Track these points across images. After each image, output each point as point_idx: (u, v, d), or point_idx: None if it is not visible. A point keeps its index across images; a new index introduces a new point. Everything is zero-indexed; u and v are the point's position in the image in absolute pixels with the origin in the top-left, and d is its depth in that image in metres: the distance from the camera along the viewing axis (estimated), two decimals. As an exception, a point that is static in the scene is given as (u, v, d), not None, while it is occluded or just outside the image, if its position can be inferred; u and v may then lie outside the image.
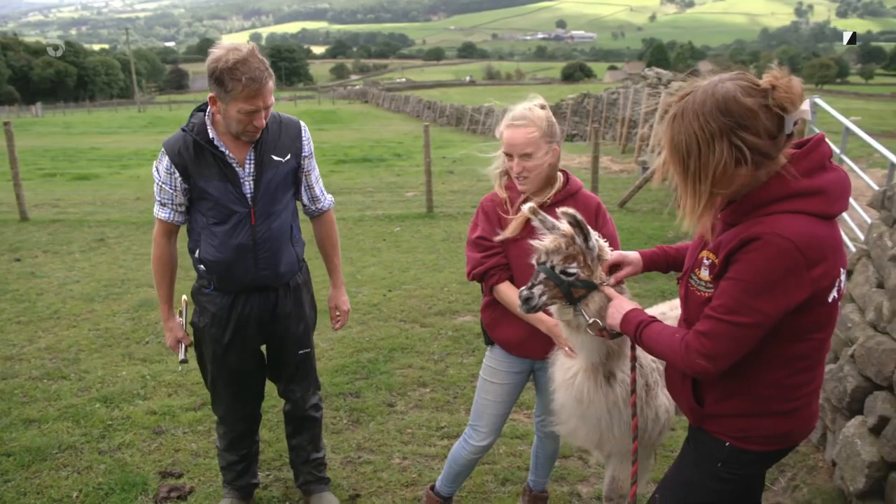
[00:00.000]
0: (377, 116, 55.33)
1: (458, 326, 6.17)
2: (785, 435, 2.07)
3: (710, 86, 1.84)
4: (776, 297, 1.82)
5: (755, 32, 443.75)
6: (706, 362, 1.91)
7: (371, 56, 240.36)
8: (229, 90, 2.75)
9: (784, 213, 1.83)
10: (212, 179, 2.97)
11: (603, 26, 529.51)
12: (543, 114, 2.84)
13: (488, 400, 3.09)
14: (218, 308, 3.15)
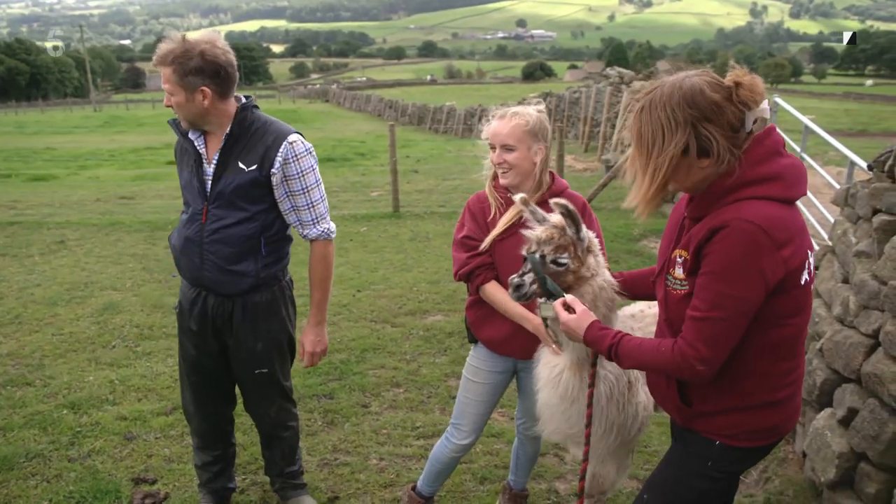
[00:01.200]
0: (339, 116, 54.98)
1: (429, 326, 6.17)
2: (772, 429, 2.11)
3: (678, 80, 1.91)
4: (753, 281, 1.86)
5: (712, 32, 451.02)
6: (704, 367, 1.93)
7: (331, 55, 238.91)
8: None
9: (745, 199, 1.88)
10: (184, 168, 3.06)
11: (562, 26, 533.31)
12: (535, 112, 2.86)
13: (471, 399, 3.10)
14: (184, 298, 3.18)
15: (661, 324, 2.18)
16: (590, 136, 20.91)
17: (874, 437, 3.11)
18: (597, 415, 2.64)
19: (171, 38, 2.84)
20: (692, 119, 1.86)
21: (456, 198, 12.98)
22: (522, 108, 2.85)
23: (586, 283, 2.41)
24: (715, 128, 1.86)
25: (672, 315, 2.07)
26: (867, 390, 3.26)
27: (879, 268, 3.32)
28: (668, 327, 2.10)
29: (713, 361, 1.93)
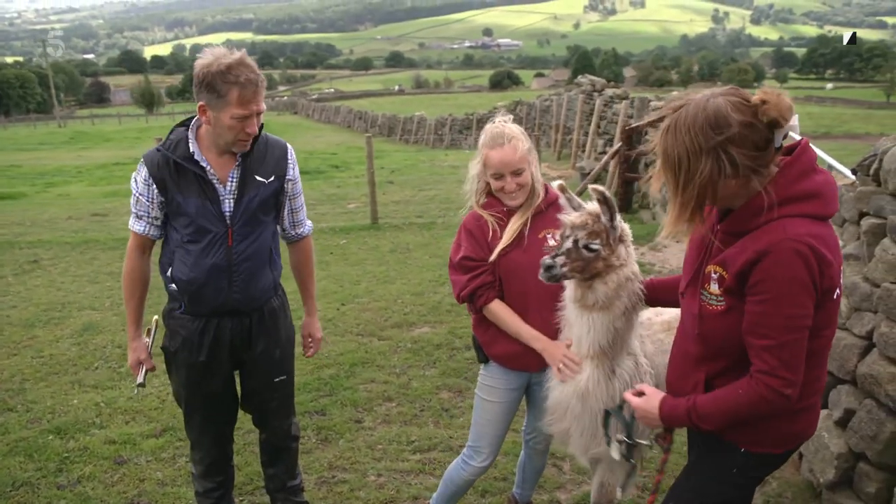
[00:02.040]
0: (308, 128, 54.80)
1: (417, 339, 6.14)
2: (797, 434, 2.13)
3: (702, 100, 1.90)
4: (810, 297, 1.88)
5: (675, 39, 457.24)
6: (792, 390, 1.93)
7: (298, 66, 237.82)
8: (223, 94, 2.66)
9: (786, 217, 1.89)
10: (190, 196, 2.86)
11: (528, 34, 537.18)
12: (518, 128, 2.86)
13: (489, 420, 3.04)
14: (189, 332, 3.01)
15: (689, 338, 2.16)
16: (562, 143, 21.04)
17: (872, 437, 3.15)
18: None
19: (228, 52, 2.71)
20: (716, 144, 1.85)
21: (433, 208, 12.99)
22: (510, 129, 2.83)
23: (614, 271, 2.45)
24: (739, 150, 1.85)
25: (706, 329, 2.06)
26: (863, 391, 3.31)
27: (871, 270, 3.37)
28: (700, 342, 2.09)
29: (797, 383, 1.94)
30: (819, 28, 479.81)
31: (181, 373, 3.10)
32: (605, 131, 15.86)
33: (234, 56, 2.68)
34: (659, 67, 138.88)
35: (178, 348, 3.05)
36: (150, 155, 2.90)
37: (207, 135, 2.84)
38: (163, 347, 3.13)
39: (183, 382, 3.12)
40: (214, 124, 2.76)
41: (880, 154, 3.62)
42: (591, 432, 2.69)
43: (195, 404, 3.17)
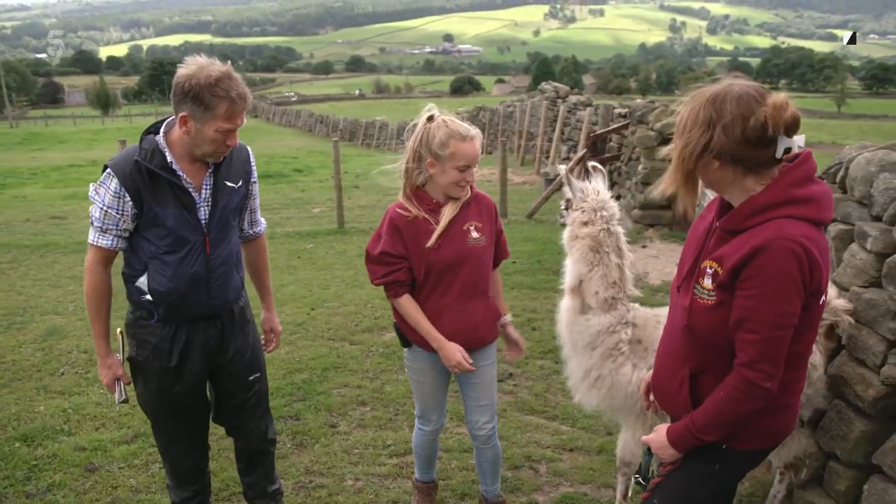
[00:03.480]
0: (268, 131, 54.35)
1: (388, 343, 6.14)
2: (777, 431, 2.22)
3: (728, 82, 2.03)
4: (799, 296, 1.96)
5: (633, 48, 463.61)
6: (771, 383, 2.01)
7: (258, 70, 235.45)
8: (211, 108, 2.63)
9: (783, 218, 1.97)
10: (167, 206, 2.79)
11: (489, 41, 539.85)
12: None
13: (426, 394, 3.35)
14: (159, 339, 2.94)
15: (676, 332, 2.24)
16: (526, 149, 21.20)
17: (842, 437, 3.24)
18: (599, 351, 3.17)
19: (212, 63, 2.69)
20: (711, 121, 1.96)
21: (399, 213, 12.94)
22: (470, 125, 3.08)
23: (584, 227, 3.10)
24: (729, 136, 1.95)
25: (694, 322, 2.14)
26: (833, 392, 3.40)
27: (839, 275, 3.47)
28: (688, 334, 2.17)
29: (777, 377, 2.02)
30: (773, 39, 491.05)
31: (151, 381, 3.00)
32: (569, 137, 16.04)
33: (220, 68, 2.67)
34: (618, 75, 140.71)
35: (147, 356, 2.95)
36: (119, 164, 2.76)
37: (181, 143, 2.77)
38: (130, 358, 3.01)
39: (153, 391, 3.02)
40: (195, 135, 2.71)
41: (846, 163, 3.74)
42: (588, 367, 3.22)
43: (166, 412, 3.08)
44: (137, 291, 2.89)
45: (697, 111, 1.99)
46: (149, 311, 2.92)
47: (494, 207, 3.24)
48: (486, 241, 3.14)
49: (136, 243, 2.87)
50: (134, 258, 2.89)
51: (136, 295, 2.91)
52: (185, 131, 2.72)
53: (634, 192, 10.51)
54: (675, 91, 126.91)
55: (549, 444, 4.42)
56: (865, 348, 3.16)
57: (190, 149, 2.78)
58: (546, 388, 5.28)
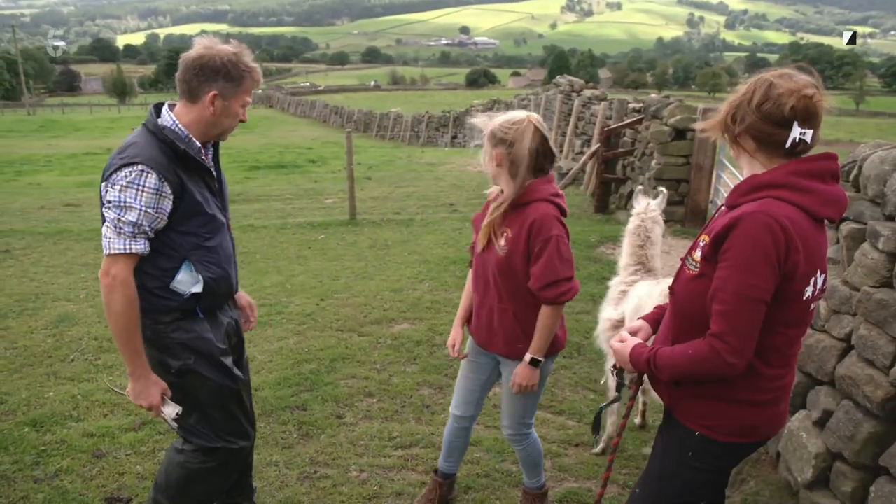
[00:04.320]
0: (283, 121, 54.46)
1: (397, 335, 6.14)
2: (754, 428, 2.22)
3: (788, 68, 2.09)
4: (771, 271, 1.96)
5: (651, 42, 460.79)
6: (737, 359, 2.02)
7: (274, 60, 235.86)
8: (242, 82, 2.69)
9: (772, 198, 2.00)
10: (202, 190, 2.75)
11: (505, 33, 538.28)
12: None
13: (460, 375, 3.45)
14: (202, 332, 2.80)
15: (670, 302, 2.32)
16: (539, 143, 21.12)
17: (849, 437, 3.21)
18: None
19: (216, 41, 2.71)
20: (749, 90, 2.05)
21: (411, 205, 12.98)
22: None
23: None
24: (750, 102, 2.02)
25: (677, 289, 2.22)
26: (841, 392, 3.37)
27: (850, 274, 3.43)
28: (672, 299, 2.26)
29: (744, 352, 2.01)
30: (792, 35, 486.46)
31: (207, 383, 2.83)
32: (583, 132, 15.96)
33: (231, 46, 2.70)
34: (634, 70, 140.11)
35: (196, 357, 2.80)
36: (154, 158, 2.58)
37: (197, 124, 2.71)
38: (174, 372, 2.79)
39: (214, 391, 2.86)
40: (221, 113, 2.69)
41: (860, 161, 3.70)
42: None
43: (237, 403, 2.96)
44: (168, 294, 2.72)
45: (750, 81, 2.08)
46: (185, 310, 2.76)
47: (537, 223, 2.91)
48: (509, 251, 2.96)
49: (166, 240, 2.68)
50: (162, 258, 2.69)
51: (164, 299, 2.72)
52: (211, 111, 2.67)
53: (647, 187, 10.44)
54: (691, 86, 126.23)
55: (554, 439, 4.41)
56: (875, 349, 3.13)
57: (207, 128, 2.73)
58: (554, 382, 5.27)
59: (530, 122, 2.91)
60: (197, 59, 2.64)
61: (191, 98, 2.68)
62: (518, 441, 3.38)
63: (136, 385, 2.69)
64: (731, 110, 2.08)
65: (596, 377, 5.39)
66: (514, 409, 3.27)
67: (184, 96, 2.70)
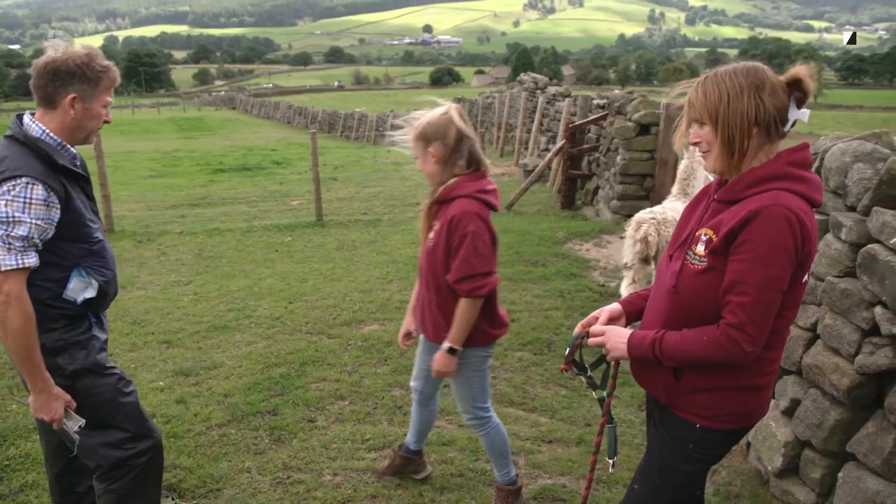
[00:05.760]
0: (246, 123, 53.91)
1: (367, 336, 6.10)
2: (750, 412, 2.24)
3: (739, 61, 2.12)
4: (790, 262, 2.00)
5: (613, 38, 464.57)
6: (754, 347, 2.04)
7: (236, 61, 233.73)
8: (99, 82, 2.65)
9: (780, 190, 2.02)
10: (80, 196, 2.73)
11: (468, 32, 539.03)
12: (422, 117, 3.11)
13: (418, 349, 3.64)
14: (92, 338, 2.79)
15: (662, 295, 2.26)
16: (505, 140, 21.19)
17: (817, 425, 3.26)
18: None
19: (68, 44, 2.68)
20: (752, 86, 2.02)
21: (378, 205, 12.93)
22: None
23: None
24: (769, 97, 2.02)
25: (681, 284, 2.17)
26: (808, 381, 3.43)
27: (815, 264, 3.48)
28: (673, 295, 2.19)
29: (761, 341, 2.04)
30: (751, 30, 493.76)
31: (96, 375, 2.80)
32: (548, 129, 16.04)
33: (83, 47, 2.68)
34: (597, 66, 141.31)
35: (83, 358, 2.75)
36: (36, 168, 2.53)
37: (63, 130, 2.66)
38: (69, 374, 2.72)
39: (111, 396, 2.84)
40: (83, 116, 2.66)
41: (821, 153, 3.76)
42: None
43: (130, 395, 2.94)
44: (60, 303, 2.67)
45: (732, 82, 2.03)
46: (76, 316, 2.73)
47: (456, 219, 3.03)
48: (433, 245, 3.14)
49: (55, 251, 2.62)
50: (52, 269, 2.63)
51: (56, 309, 2.66)
52: (72, 115, 2.64)
53: (613, 182, 10.52)
54: (653, 82, 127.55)
55: (527, 436, 4.42)
56: (840, 338, 3.18)
57: (72, 133, 2.69)
58: (525, 379, 5.27)
59: (452, 114, 3.05)
60: (49, 63, 2.60)
61: (49, 104, 2.64)
62: (478, 427, 3.44)
63: (38, 398, 2.64)
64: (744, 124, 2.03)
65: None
66: (461, 393, 3.40)
67: (42, 104, 2.66)
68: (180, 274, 8.45)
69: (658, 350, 2.15)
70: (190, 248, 9.77)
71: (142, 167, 20.96)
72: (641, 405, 4.88)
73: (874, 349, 3.01)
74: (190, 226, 11.38)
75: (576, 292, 7.21)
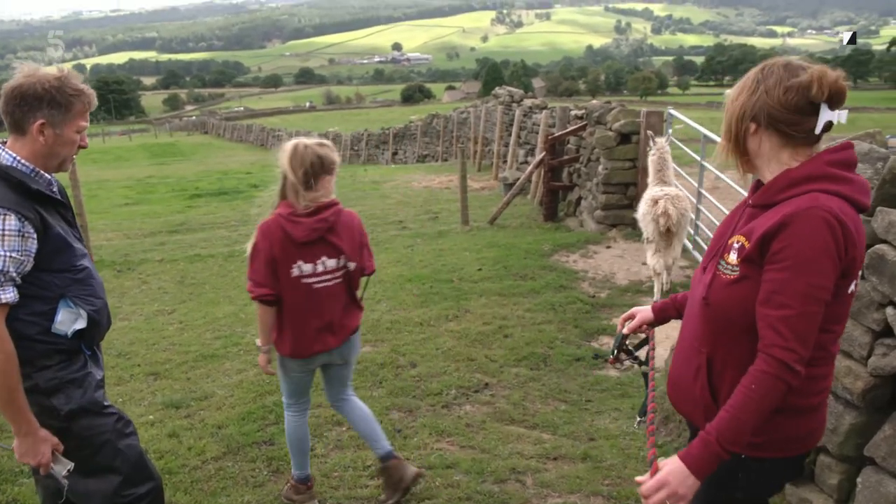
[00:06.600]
0: (219, 147, 53.65)
1: (360, 359, 5.97)
2: (804, 437, 2.06)
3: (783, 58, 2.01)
4: (834, 268, 1.84)
5: (581, 50, 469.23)
6: (802, 366, 1.85)
7: (206, 85, 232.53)
8: (69, 107, 2.51)
9: (818, 192, 1.88)
10: (60, 223, 2.59)
11: (438, 48, 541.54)
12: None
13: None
14: (88, 375, 2.65)
15: (695, 309, 2.14)
16: (482, 155, 21.19)
17: (832, 430, 3.21)
18: None
19: (39, 67, 2.55)
20: (758, 83, 1.95)
21: (359, 224, 12.79)
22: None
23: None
24: (771, 96, 1.92)
25: (712, 296, 2.03)
26: (819, 386, 3.37)
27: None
28: (705, 308, 2.07)
29: (806, 359, 1.86)
30: (716, 37, 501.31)
31: (94, 414, 2.68)
32: (526, 141, 16.05)
33: (55, 69, 2.56)
34: (567, 78, 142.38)
35: (80, 397, 2.63)
36: (3, 196, 2.41)
37: (34, 157, 2.54)
38: (65, 415, 2.60)
39: (108, 424, 2.73)
40: (54, 142, 2.53)
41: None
42: None
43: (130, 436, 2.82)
44: (50, 338, 2.54)
45: (747, 78, 1.99)
46: (70, 350, 2.60)
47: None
48: None
49: (37, 283, 2.50)
50: (36, 302, 2.51)
51: (47, 344, 2.53)
52: (42, 142, 2.52)
53: (596, 192, 10.52)
54: (623, 91, 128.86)
55: (532, 455, 4.33)
56: (851, 340, 3.13)
57: (45, 160, 2.57)
58: (524, 395, 5.19)
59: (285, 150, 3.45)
60: (16, 88, 2.48)
61: (18, 131, 2.52)
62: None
63: (24, 442, 2.51)
64: (744, 115, 1.97)
65: (565, 387, 5.33)
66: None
67: (11, 130, 2.54)
68: (163, 303, 8.28)
69: (727, 445, 1.86)
70: (171, 276, 9.61)
71: (116, 195, 20.68)
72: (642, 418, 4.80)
73: (887, 350, 2.96)
74: (170, 253, 11.20)
75: (567, 304, 7.16)
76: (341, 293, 3.56)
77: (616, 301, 7.31)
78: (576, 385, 5.38)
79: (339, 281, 3.54)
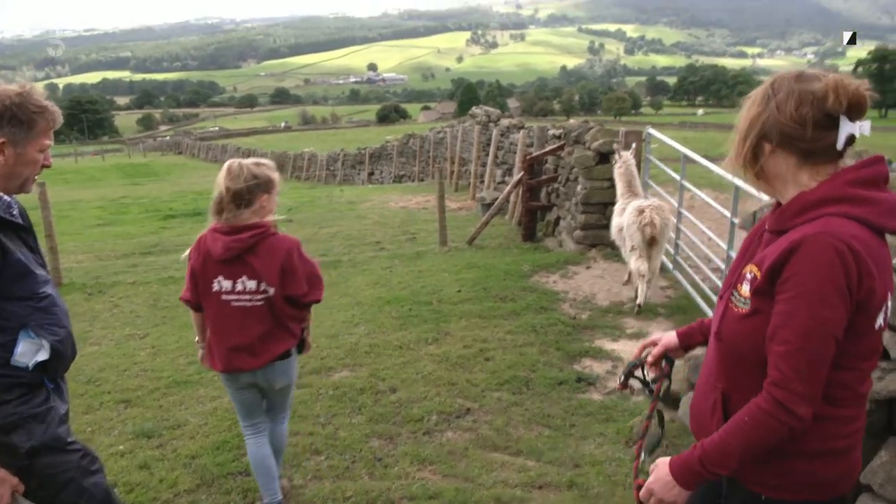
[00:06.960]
0: (194, 167, 53.17)
1: (338, 384, 5.84)
2: (833, 481, 1.89)
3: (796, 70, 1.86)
4: (842, 301, 1.69)
5: (555, 70, 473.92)
6: (807, 407, 1.72)
7: (180, 105, 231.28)
8: (31, 125, 2.38)
9: (830, 216, 1.73)
10: (21, 248, 2.46)
11: (413, 68, 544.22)
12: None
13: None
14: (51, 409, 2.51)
15: (711, 344, 2.03)
16: (459, 175, 21.17)
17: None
18: None
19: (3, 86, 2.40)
20: (768, 98, 1.81)
21: (336, 245, 12.69)
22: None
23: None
24: (781, 111, 1.77)
25: (724, 331, 1.91)
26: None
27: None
28: (717, 342, 1.95)
29: (813, 399, 1.73)
30: (688, 57, 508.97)
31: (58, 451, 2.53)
32: (504, 161, 16.04)
33: (16, 86, 2.42)
34: (542, 98, 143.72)
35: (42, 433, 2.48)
36: None
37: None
38: (26, 453, 2.44)
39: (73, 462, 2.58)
40: (15, 162, 2.41)
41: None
42: None
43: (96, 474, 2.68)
44: (10, 371, 2.41)
45: (756, 93, 1.84)
46: (32, 384, 2.46)
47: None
48: None
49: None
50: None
51: (6, 377, 2.41)
52: (2, 161, 2.39)
53: (575, 212, 10.48)
54: (597, 111, 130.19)
55: (517, 483, 4.21)
56: (845, 365, 3.07)
57: (5, 181, 2.44)
58: (507, 421, 5.08)
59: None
60: None
61: None
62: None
63: None
64: (752, 134, 1.83)
65: (548, 411, 5.22)
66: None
67: None
68: (135, 326, 8.08)
69: (709, 466, 1.80)
70: (144, 299, 9.39)
71: (89, 216, 20.37)
72: (628, 441, 4.71)
73: (883, 374, 2.91)
74: (143, 275, 10.98)
75: (548, 326, 7.06)
76: (264, 315, 3.50)
77: (597, 322, 7.23)
78: (559, 409, 5.28)
79: (261, 304, 3.48)
